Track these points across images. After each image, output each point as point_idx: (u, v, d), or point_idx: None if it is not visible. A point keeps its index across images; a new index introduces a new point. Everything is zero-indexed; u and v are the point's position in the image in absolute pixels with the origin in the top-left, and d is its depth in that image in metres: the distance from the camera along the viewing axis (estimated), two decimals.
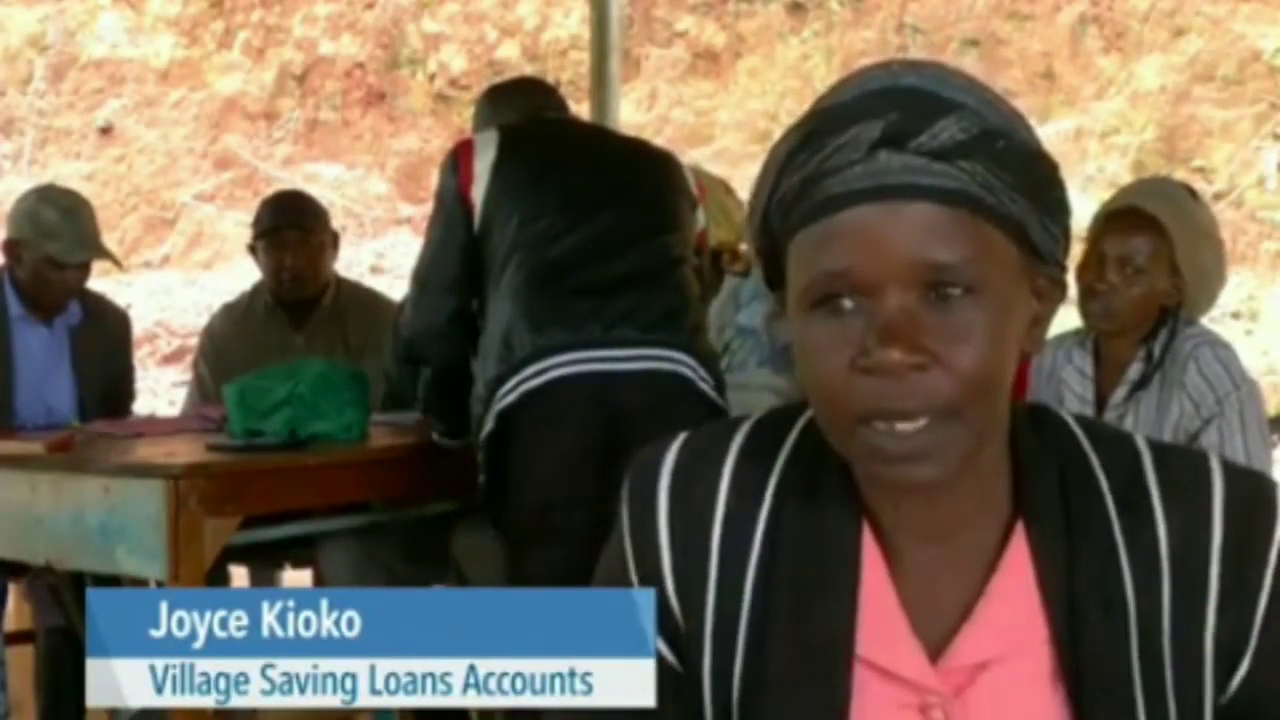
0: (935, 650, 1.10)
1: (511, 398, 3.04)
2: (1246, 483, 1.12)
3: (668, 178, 3.28)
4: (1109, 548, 1.09)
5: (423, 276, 3.25)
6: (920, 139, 1.02)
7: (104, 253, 3.99)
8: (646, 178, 3.26)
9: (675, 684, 1.15)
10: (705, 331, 3.23)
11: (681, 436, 1.19)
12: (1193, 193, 3.02)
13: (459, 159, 3.20)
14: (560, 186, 3.16)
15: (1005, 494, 1.11)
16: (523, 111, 3.35)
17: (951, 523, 1.10)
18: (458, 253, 3.18)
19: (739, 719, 1.13)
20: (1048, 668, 1.09)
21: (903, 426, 1.02)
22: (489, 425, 3.07)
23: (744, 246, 3.58)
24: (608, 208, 3.15)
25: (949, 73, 1.07)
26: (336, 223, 4.65)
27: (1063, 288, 1.11)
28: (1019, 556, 1.10)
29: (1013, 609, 1.09)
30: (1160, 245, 2.83)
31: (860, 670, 1.10)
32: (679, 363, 3.09)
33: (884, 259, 1.02)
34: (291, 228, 4.11)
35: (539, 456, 3.04)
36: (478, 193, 3.15)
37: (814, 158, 1.04)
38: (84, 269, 3.91)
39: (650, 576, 1.16)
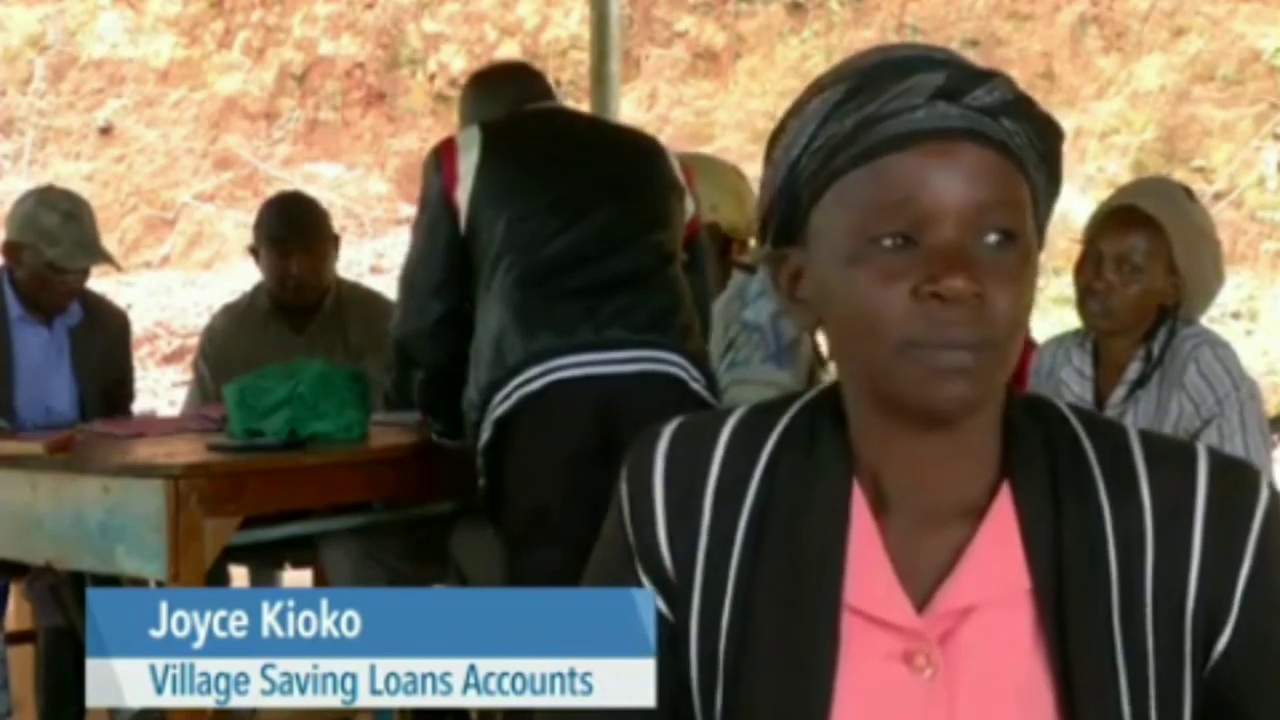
0: (921, 601, 1.13)
1: (509, 404, 3.03)
2: (1230, 463, 1.15)
3: (655, 170, 3.26)
4: (1093, 508, 1.12)
5: (409, 279, 3.24)
6: (976, 93, 1.09)
7: (104, 257, 3.99)
8: (635, 172, 3.23)
9: (669, 634, 1.17)
10: (696, 330, 3.22)
11: (680, 417, 1.23)
12: (1189, 192, 3.02)
13: (442, 159, 3.17)
14: (548, 186, 3.13)
15: (994, 455, 1.14)
16: (507, 102, 3.31)
17: (941, 478, 1.13)
18: (443, 255, 3.17)
19: (725, 670, 1.15)
20: (1031, 620, 1.11)
21: (951, 354, 1.07)
22: (487, 433, 3.07)
23: (754, 241, 3.57)
24: (597, 208, 3.13)
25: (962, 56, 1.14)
26: (336, 223, 4.65)
27: None
28: (1004, 513, 1.13)
29: (997, 559, 1.12)
30: (1157, 244, 2.83)
31: (847, 618, 1.12)
32: (671, 363, 3.08)
33: (943, 194, 1.07)
34: (297, 238, 4.10)
35: (536, 460, 3.03)
36: (462, 194, 3.14)
37: (871, 103, 1.09)
38: (84, 272, 3.92)
39: (644, 532, 1.18)
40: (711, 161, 3.92)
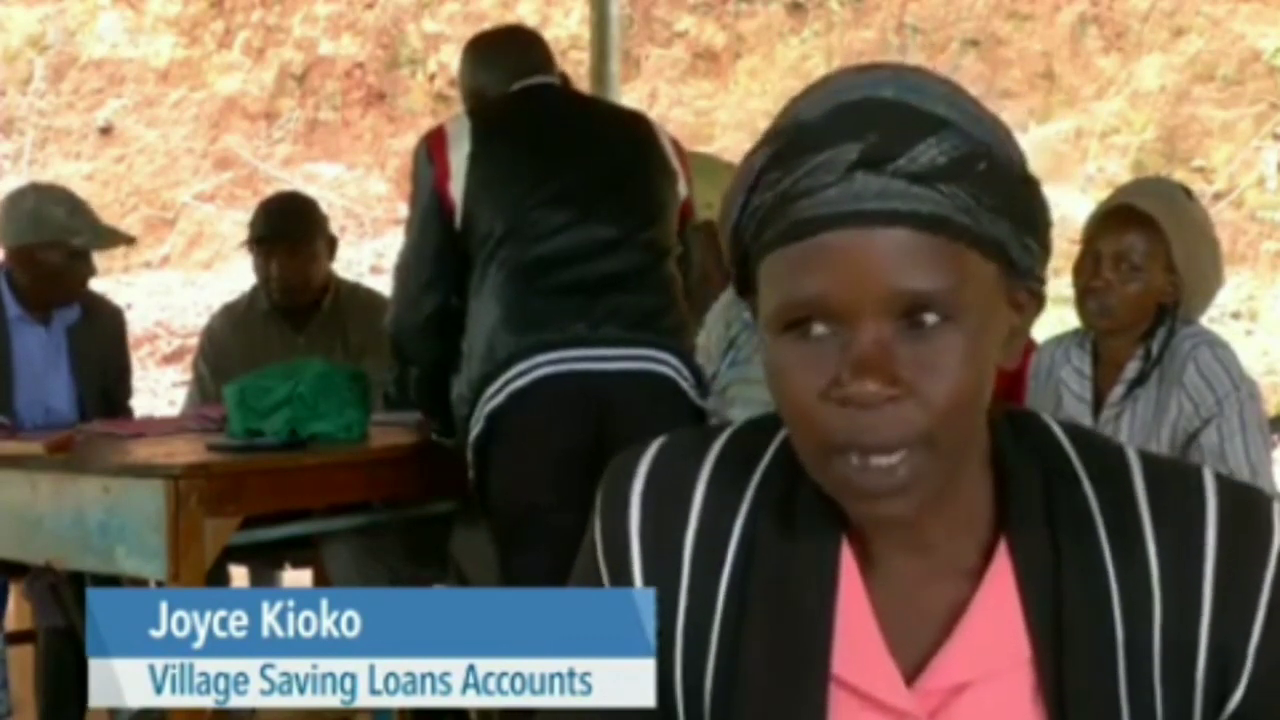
0: (913, 670, 1.08)
1: (499, 399, 3.03)
2: (1241, 500, 1.07)
3: (651, 159, 3.24)
4: (1096, 566, 1.06)
5: (403, 274, 3.24)
6: (899, 162, 0.98)
7: (120, 236, 4.08)
8: (630, 165, 3.21)
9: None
10: (688, 329, 3.22)
11: (658, 442, 1.16)
12: (1187, 191, 3.02)
13: (432, 151, 3.15)
14: (542, 182, 3.11)
15: (987, 508, 1.08)
16: (504, 72, 3.29)
17: (931, 541, 1.08)
18: (435, 250, 3.16)
19: None
20: (1029, 688, 1.06)
21: (877, 460, 1.00)
22: (478, 427, 3.06)
23: None
24: (593, 205, 3.11)
25: (928, 80, 1.03)
26: (336, 223, 4.65)
27: (1041, 300, 1.08)
28: (1001, 574, 1.07)
29: (993, 628, 1.06)
30: (1155, 242, 2.84)
31: (835, 691, 1.07)
32: (664, 363, 3.08)
33: (859, 287, 0.99)
34: (279, 239, 4.11)
35: (526, 457, 3.02)
36: (455, 188, 3.12)
37: (787, 177, 1.00)
38: (91, 261, 3.94)
39: (620, 583, 1.14)
40: (712, 160, 3.92)
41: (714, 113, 11.12)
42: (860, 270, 0.98)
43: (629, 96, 10.15)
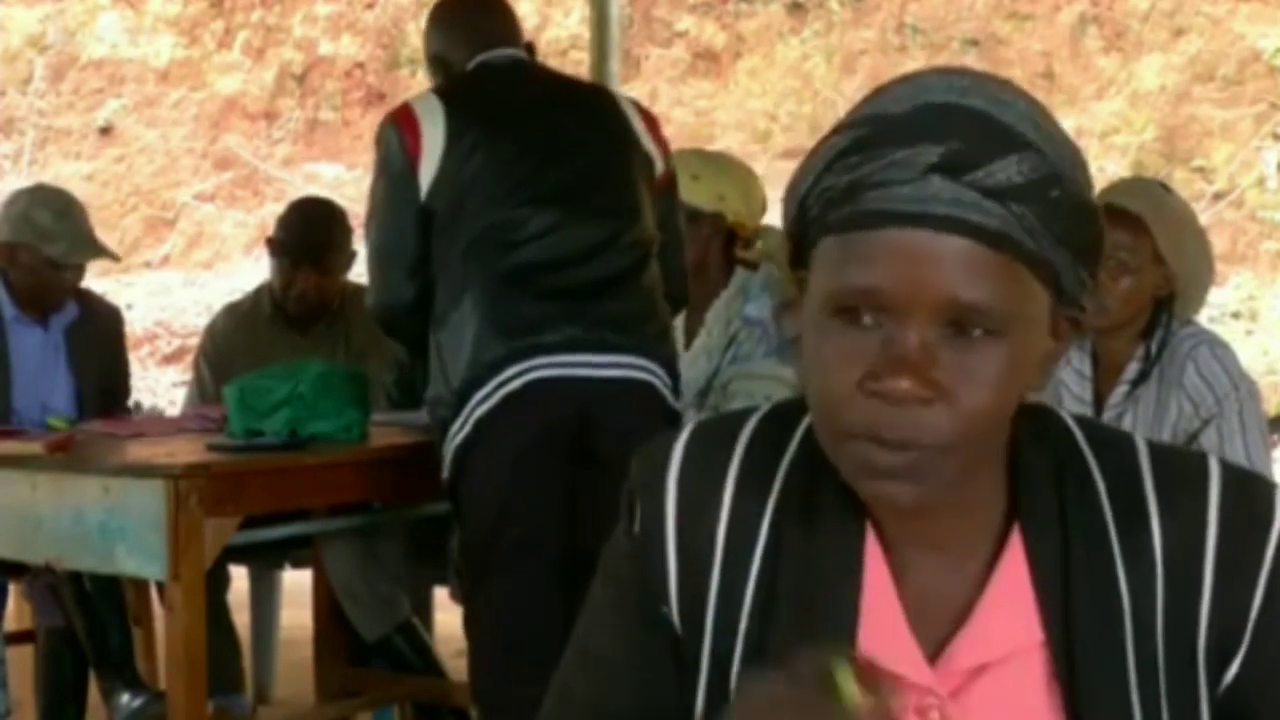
0: (934, 653, 1.11)
1: (491, 403, 2.99)
2: (1243, 484, 1.12)
3: (627, 149, 3.20)
4: (1104, 551, 1.10)
5: (381, 254, 3.17)
6: (977, 174, 1.00)
7: (103, 251, 4.00)
8: (609, 158, 3.17)
9: (679, 652, 1.16)
10: (670, 334, 3.21)
11: (687, 431, 1.19)
12: (1166, 186, 3.08)
13: (403, 132, 3.08)
14: (524, 182, 3.07)
15: (1003, 500, 1.12)
16: (471, 43, 3.23)
17: (946, 533, 1.11)
18: (414, 233, 3.10)
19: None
20: (1043, 670, 1.10)
21: (888, 454, 1.02)
22: (464, 432, 3.03)
23: (760, 244, 3.57)
24: (578, 208, 3.07)
25: (1013, 96, 1.05)
26: None
27: (1079, 327, 1.10)
28: (1015, 561, 1.11)
29: (1009, 613, 1.10)
30: (1140, 237, 2.86)
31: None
32: (649, 370, 3.07)
33: (915, 287, 1.01)
34: (306, 256, 4.10)
35: (508, 458, 3.00)
36: (426, 173, 3.06)
37: (865, 165, 1.02)
38: (81, 268, 3.93)
39: (654, 576, 1.16)
40: (723, 157, 3.93)
41: (714, 113, 11.11)
42: (919, 271, 1.01)
43: (629, 97, 10.15)
